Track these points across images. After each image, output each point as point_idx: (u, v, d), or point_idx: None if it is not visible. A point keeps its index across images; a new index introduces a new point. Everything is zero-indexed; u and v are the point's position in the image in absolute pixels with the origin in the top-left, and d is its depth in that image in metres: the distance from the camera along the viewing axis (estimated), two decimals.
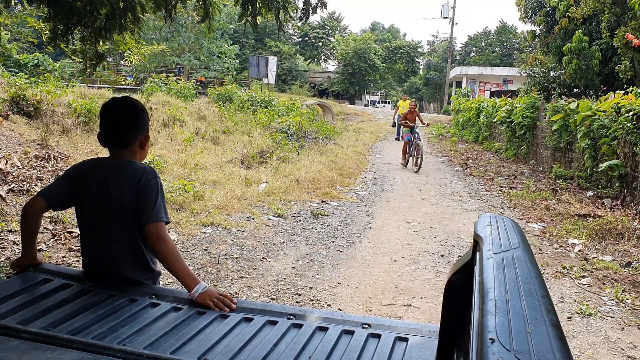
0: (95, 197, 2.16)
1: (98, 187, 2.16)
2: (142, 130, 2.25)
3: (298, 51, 61.23)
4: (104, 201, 2.15)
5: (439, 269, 5.70)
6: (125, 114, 2.22)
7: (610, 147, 9.09)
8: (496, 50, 57.38)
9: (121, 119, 2.22)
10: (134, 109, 2.24)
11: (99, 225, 2.19)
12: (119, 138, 2.21)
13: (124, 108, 2.24)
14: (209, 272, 5.10)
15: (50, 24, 5.24)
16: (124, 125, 2.22)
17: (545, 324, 0.85)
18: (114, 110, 2.22)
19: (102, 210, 2.16)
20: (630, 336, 4.24)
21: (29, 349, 1.51)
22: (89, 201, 2.19)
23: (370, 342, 1.69)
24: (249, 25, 5.52)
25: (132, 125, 2.22)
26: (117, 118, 2.22)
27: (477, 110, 21.43)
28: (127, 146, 2.22)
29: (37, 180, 7.35)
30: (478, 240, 1.28)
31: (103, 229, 2.18)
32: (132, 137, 2.22)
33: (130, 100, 2.28)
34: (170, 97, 18.06)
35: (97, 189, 2.16)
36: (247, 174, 9.55)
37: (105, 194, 2.15)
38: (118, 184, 2.14)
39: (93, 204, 2.18)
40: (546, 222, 7.83)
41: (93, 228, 2.22)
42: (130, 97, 2.32)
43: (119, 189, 2.14)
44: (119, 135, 2.21)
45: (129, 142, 2.22)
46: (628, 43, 13.80)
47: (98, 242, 2.21)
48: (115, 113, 2.22)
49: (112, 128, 2.21)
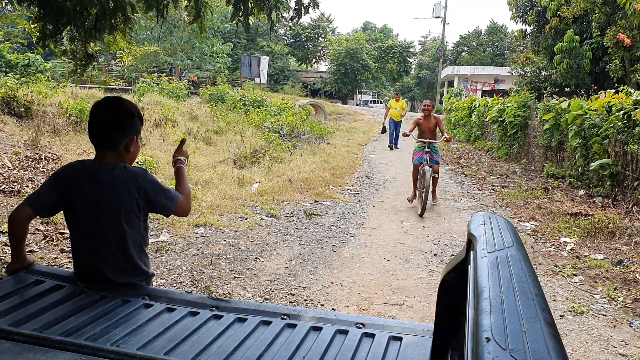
0: (85, 201, 2.14)
1: (89, 191, 2.13)
2: (128, 133, 2.21)
3: (290, 51, 61.22)
4: (95, 205, 2.13)
5: (432, 268, 5.71)
6: (112, 116, 2.19)
7: (601, 146, 9.14)
8: (487, 50, 57.64)
9: (107, 121, 2.19)
10: (122, 111, 2.20)
11: (90, 229, 2.17)
12: (104, 140, 2.19)
13: (111, 110, 2.20)
14: (202, 272, 5.09)
15: (40, 24, 5.20)
16: (109, 127, 2.19)
17: (540, 322, 0.85)
18: (101, 111, 2.20)
19: (92, 215, 2.14)
20: (622, 334, 4.26)
21: (21, 351, 1.50)
22: (79, 205, 2.16)
23: (364, 341, 1.69)
24: (241, 25, 5.51)
25: (117, 128, 2.19)
26: (103, 119, 2.19)
27: (469, 109, 21.51)
28: (111, 148, 2.19)
29: (28, 181, 7.30)
30: (472, 240, 1.28)
31: (93, 232, 2.16)
32: (116, 139, 2.18)
33: (119, 101, 2.24)
34: (162, 97, 18.02)
35: (88, 193, 2.13)
36: (239, 174, 9.54)
37: (96, 198, 2.12)
38: (110, 189, 2.12)
39: (83, 208, 2.15)
40: (538, 221, 7.86)
41: (83, 232, 2.20)
42: (121, 99, 2.27)
43: (112, 194, 2.12)
44: (104, 136, 2.19)
45: (113, 145, 2.19)
46: (619, 42, 13.89)
47: (88, 246, 2.19)
48: (102, 114, 2.19)
49: (98, 129, 2.19)
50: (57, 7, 4.70)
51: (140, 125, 2.29)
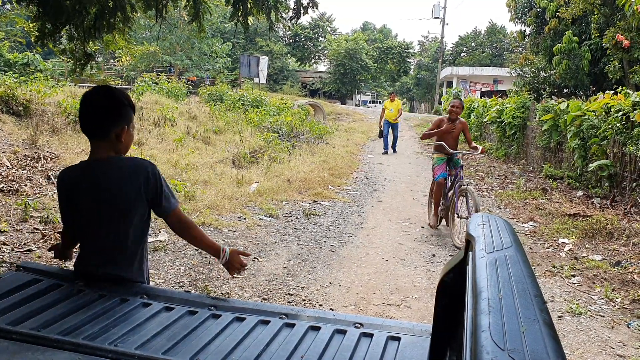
0: (87, 197, 2.15)
1: (89, 188, 2.14)
2: (119, 121, 2.17)
3: (289, 51, 61.22)
4: (97, 201, 2.14)
5: (430, 268, 5.71)
6: (101, 104, 2.17)
7: (600, 147, 9.15)
8: (486, 51, 57.66)
9: (96, 109, 2.17)
10: (111, 99, 2.18)
11: (93, 225, 2.18)
12: (94, 128, 2.17)
13: (98, 98, 2.18)
14: (200, 272, 5.09)
15: (39, 23, 5.19)
16: (98, 115, 2.16)
17: (538, 323, 0.85)
18: (90, 99, 2.18)
19: (95, 210, 2.15)
20: (619, 335, 4.26)
21: (19, 350, 1.50)
22: (82, 203, 2.17)
23: (362, 341, 1.69)
24: (240, 25, 5.51)
25: (106, 116, 2.16)
26: (93, 108, 2.17)
27: (467, 110, 21.51)
28: (101, 137, 2.16)
29: (26, 180, 7.30)
30: (470, 240, 1.28)
31: (96, 228, 2.17)
32: (107, 128, 2.15)
33: (108, 90, 2.21)
34: (161, 96, 18.00)
35: (88, 190, 2.14)
36: (238, 174, 9.53)
37: (97, 194, 2.13)
38: (111, 183, 2.12)
39: (85, 204, 2.16)
40: (536, 222, 7.87)
41: (86, 228, 2.21)
42: (111, 87, 2.24)
43: (114, 187, 2.11)
44: (94, 125, 2.17)
45: (102, 134, 2.16)
46: (617, 44, 13.90)
47: (91, 242, 2.20)
48: (92, 103, 2.17)
49: (88, 118, 2.17)
50: (56, 6, 4.70)
51: (132, 114, 2.25)
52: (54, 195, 6.93)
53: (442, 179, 7.06)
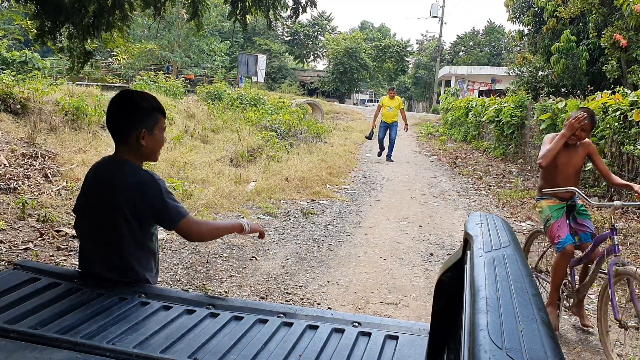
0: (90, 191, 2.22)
1: (94, 184, 2.21)
2: (136, 126, 2.18)
3: (288, 50, 61.18)
4: (96, 199, 2.18)
5: (428, 267, 5.72)
6: (119, 109, 2.22)
7: (598, 146, 9.16)
8: (484, 50, 57.68)
9: (114, 114, 2.22)
10: (129, 104, 2.21)
11: (90, 221, 2.21)
12: (112, 132, 2.23)
13: (118, 102, 2.23)
14: (198, 271, 5.09)
15: (37, 21, 5.19)
16: (116, 120, 2.22)
17: (536, 322, 0.85)
18: (111, 104, 2.23)
19: (93, 207, 2.19)
20: (616, 334, 4.27)
21: (16, 349, 1.50)
22: (86, 195, 2.24)
23: (360, 340, 1.69)
24: (238, 23, 5.50)
25: (124, 121, 2.20)
26: (112, 113, 2.22)
27: (465, 109, 21.51)
28: (121, 141, 2.21)
29: (24, 179, 7.29)
30: (468, 239, 1.28)
31: (97, 229, 2.18)
32: (125, 132, 2.19)
33: (127, 95, 2.26)
34: (158, 95, 17.95)
35: (92, 185, 2.22)
36: (236, 173, 9.52)
37: (100, 192, 2.16)
38: (112, 188, 2.14)
39: (88, 199, 2.22)
40: (534, 221, 7.87)
41: (84, 222, 2.24)
42: (132, 92, 2.28)
43: (113, 193, 2.13)
44: (113, 130, 2.23)
45: (122, 138, 2.21)
46: (615, 43, 13.92)
47: (87, 239, 2.23)
48: (111, 107, 2.23)
49: (108, 123, 2.23)
50: (55, 4, 4.69)
51: (156, 117, 2.25)
52: (51, 194, 6.92)
53: (570, 245, 4.17)
